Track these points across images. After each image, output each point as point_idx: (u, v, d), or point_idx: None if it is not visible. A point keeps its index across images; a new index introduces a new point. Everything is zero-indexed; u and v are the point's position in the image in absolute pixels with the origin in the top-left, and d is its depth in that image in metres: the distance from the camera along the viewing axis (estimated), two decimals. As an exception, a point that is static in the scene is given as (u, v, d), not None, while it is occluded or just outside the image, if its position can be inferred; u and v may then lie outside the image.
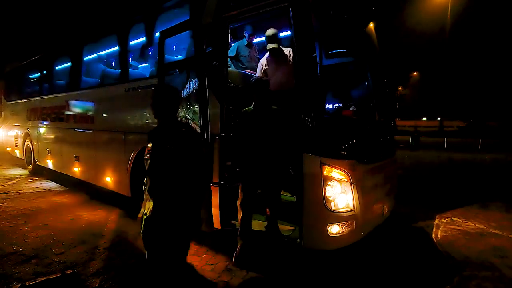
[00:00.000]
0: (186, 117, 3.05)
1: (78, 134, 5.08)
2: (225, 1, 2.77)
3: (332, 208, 2.34)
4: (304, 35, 2.34)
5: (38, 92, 6.68)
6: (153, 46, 3.90)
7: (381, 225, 2.92)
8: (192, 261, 2.72)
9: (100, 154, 4.61)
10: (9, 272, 2.51)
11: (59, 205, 4.49)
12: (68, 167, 5.39)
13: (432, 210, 4.33)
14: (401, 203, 3.85)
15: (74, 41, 5.34)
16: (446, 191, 5.73)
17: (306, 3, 2.33)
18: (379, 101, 3.45)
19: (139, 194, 3.81)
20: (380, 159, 2.94)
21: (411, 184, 6.09)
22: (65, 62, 5.73)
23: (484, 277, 2.54)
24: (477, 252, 3.00)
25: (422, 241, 3.34)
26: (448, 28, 21.24)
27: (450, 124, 30.85)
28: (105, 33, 4.74)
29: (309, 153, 2.34)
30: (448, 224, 3.82)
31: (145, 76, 4.10)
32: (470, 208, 4.47)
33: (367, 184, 2.57)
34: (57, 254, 2.86)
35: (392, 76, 4.06)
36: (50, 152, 6.04)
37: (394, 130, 3.68)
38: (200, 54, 2.88)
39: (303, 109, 2.35)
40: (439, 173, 7.99)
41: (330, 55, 2.81)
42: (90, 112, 4.75)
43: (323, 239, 2.38)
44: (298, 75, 2.40)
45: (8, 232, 3.35)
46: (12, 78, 7.97)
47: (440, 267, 2.75)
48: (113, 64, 5.12)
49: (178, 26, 3.10)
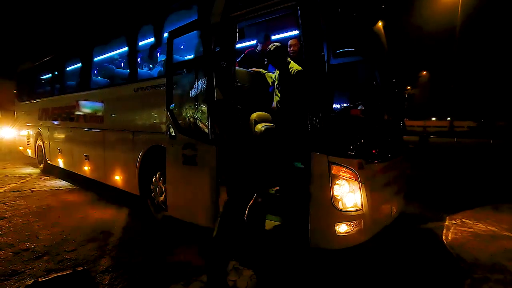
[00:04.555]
0: (194, 117, 3.08)
1: (88, 133, 5.17)
2: (233, 1, 2.78)
3: (340, 207, 2.32)
4: (312, 34, 2.33)
5: (49, 93, 6.82)
6: (162, 46, 3.94)
7: (390, 226, 2.89)
8: (199, 259, 2.74)
9: (109, 153, 4.68)
10: (22, 268, 2.56)
11: (69, 203, 4.58)
12: (78, 166, 5.49)
13: (441, 211, 4.25)
14: (410, 203, 3.80)
15: (84, 42, 5.44)
16: (456, 192, 5.63)
17: (314, 2, 2.32)
18: (388, 100, 3.41)
19: (148, 193, 3.87)
20: (389, 159, 2.90)
21: (420, 184, 6.01)
22: (75, 63, 5.84)
23: (497, 280, 2.48)
24: (489, 255, 2.93)
25: (431, 243, 3.29)
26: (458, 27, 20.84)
27: (461, 124, 30.28)
28: (115, 34, 4.82)
29: (317, 152, 2.33)
30: (458, 225, 3.75)
31: (154, 76, 4.14)
32: (481, 210, 4.38)
33: (375, 183, 2.55)
34: (68, 251, 2.92)
35: (400, 76, 4.01)
36: (61, 151, 6.16)
37: (402, 129, 3.64)
38: (208, 54, 2.89)
39: (311, 108, 2.34)
40: (449, 174, 7.86)
41: (338, 54, 2.79)
42: (99, 112, 4.82)
43: (331, 238, 2.36)
44: (306, 74, 2.39)
45: (20, 230, 3.43)
46: (24, 79, 8.15)
47: (450, 270, 2.70)
48: (122, 65, 5.20)
49: (186, 26, 3.13)
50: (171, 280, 2.40)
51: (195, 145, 3.03)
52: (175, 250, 2.95)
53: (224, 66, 2.80)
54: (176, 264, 2.68)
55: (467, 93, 40.01)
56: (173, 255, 2.85)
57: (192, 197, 3.09)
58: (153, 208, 3.81)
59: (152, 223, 3.70)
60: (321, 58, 2.30)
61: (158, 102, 3.46)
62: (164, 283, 2.38)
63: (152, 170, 3.78)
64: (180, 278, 2.43)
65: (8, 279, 2.38)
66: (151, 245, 3.09)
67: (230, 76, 2.83)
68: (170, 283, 2.37)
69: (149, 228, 3.54)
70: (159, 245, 3.08)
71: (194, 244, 3.06)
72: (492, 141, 15.71)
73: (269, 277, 2.50)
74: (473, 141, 18.59)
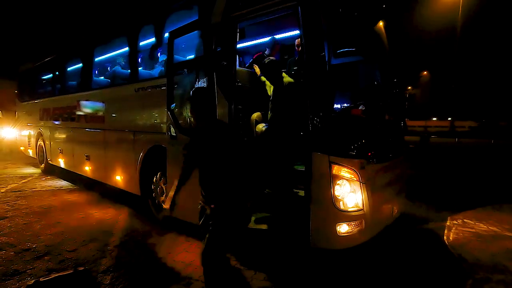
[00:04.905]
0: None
1: (89, 133, 5.17)
2: (234, 1, 2.79)
3: (341, 207, 2.32)
4: (313, 34, 2.33)
5: (51, 93, 6.83)
6: (163, 46, 3.94)
7: (391, 226, 2.89)
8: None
9: (110, 153, 4.69)
10: (23, 268, 2.57)
11: (70, 203, 4.58)
12: (79, 166, 5.50)
13: (443, 211, 4.25)
14: (411, 203, 3.79)
15: (85, 42, 5.44)
16: (458, 192, 5.61)
17: (315, 1, 2.32)
18: (389, 100, 3.41)
19: (148, 193, 3.87)
20: (390, 159, 2.90)
21: (421, 184, 5.99)
22: (76, 63, 5.85)
23: (498, 281, 2.47)
24: (490, 255, 2.92)
25: (433, 243, 3.28)
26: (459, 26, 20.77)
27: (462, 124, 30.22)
28: (115, 34, 4.82)
29: (318, 152, 2.33)
30: (460, 226, 3.74)
31: (154, 76, 4.15)
32: (483, 210, 4.37)
33: (376, 183, 2.54)
34: (69, 251, 2.92)
35: (401, 75, 4.00)
36: (62, 152, 6.17)
37: (403, 129, 3.63)
38: (209, 54, 2.90)
39: (312, 108, 2.34)
40: (450, 174, 7.84)
41: (339, 54, 2.79)
42: (100, 112, 4.83)
43: (332, 238, 2.36)
44: (307, 74, 2.39)
45: (22, 230, 3.44)
46: (26, 79, 8.17)
47: (452, 270, 2.69)
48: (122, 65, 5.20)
49: (187, 26, 3.13)
50: (172, 280, 2.40)
51: (196, 145, 3.02)
52: (177, 250, 2.96)
53: (224, 66, 2.80)
54: (177, 264, 2.68)
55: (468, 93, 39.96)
56: (175, 255, 2.85)
57: (193, 198, 3.08)
58: (154, 208, 3.81)
59: (153, 223, 3.70)
60: (321, 58, 2.30)
61: (159, 102, 3.47)
62: (165, 283, 2.38)
63: (153, 170, 3.78)
64: (181, 278, 2.43)
65: (10, 279, 2.38)
66: (152, 245, 3.09)
67: (231, 76, 2.82)
68: (171, 283, 2.37)
69: (150, 228, 3.54)
70: (160, 245, 3.08)
71: (195, 243, 3.06)
72: (493, 141, 15.66)
73: (271, 277, 2.49)
74: (474, 141, 18.55)
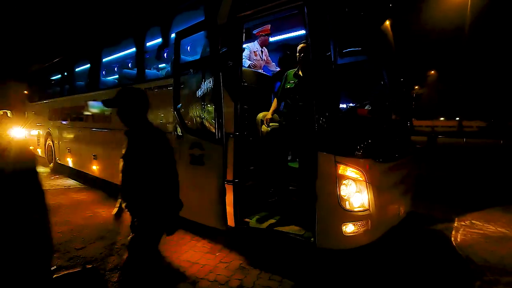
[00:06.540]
0: (201, 117, 3.10)
1: (96, 133, 5.24)
2: (240, 1, 2.80)
3: (347, 207, 2.31)
4: (319, 33, 2.33)
5: (59, 93, 6.94)
6: (169, 47, 3.98)
7: (397, 226, 2.86)
8: (206, 259, 2.76)
9: (117, 153, 4.71)
10: (33, 264, 2.62)
11: (78, 202, 4.65)
12: (87, 165, 5.57)
13: (450, 212, 4.20)
14: (418, 204, 3.75)
15: (93, 43, 5.52)
16: (466, 193, 5.54)
17: (321, 1, 2.32)
18: (395, 100, 3.38)
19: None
20: (396, 159, 2.88)
21: (429, 184, 5.93)
22: (84, 64, 5.93)
23: (507, 283, 2.44)
24: (499, 257, 2.88)
25: (440, 244, 3.25)
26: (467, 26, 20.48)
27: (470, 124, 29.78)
28: (123, 35, 4.87)
29: (324, 152, 2.33)
30: (467, 227, 3.69)
31: (161, 76, 4.18)
32: (491, 211, 4.30)
33: (382, 183, 2.52)
34: (77, 249, 2.97)
35: (408, 75, 3.97)
36: (70, 151, 6.27)
37: (410, 129, 3.60)
38: (215, 54, 2.91)
39: (318, 107, 2.34)
40: (458, 174, 7.74)
41: (345, 54, 2.78)
42: (108, 112, 4.89)
43: (337, 238, 2.35)
44: (312, 73, 2.39)
45: (31, 227, 3.50)
46: (35, 80, 8.32)
47: (460, 271, 2.67)
48: (129, 65, 5.26)
49: (194, 26, 3.15)
50: (179, 279, 2.43)
51: (202, 145, 3.05)
52: (183, 249, 2.98)
53: (230, 66, 2.82)
54: (183, 263, 2.70)
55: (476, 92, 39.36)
56: (180, 254, 2.87)
57: (199, 196, 3.11)
58: (160, 207, 3.83)
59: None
60: (327, 57, 2.29)
61: (165, 102, 3.50)
62: (172, 281, 2.40)
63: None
64: (188, 277, 2.45)
65: (20, 276, 2.43)
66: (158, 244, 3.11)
67: (236, 76, 2.84)
68: (178, 281, 2.39)
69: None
70: (166, 244, 3.10)
71: (200, 242, 3.08)
72: (502, 142, 15.37)
73: (276, 276, 2.50)
74: (483, 141, 18.25)
